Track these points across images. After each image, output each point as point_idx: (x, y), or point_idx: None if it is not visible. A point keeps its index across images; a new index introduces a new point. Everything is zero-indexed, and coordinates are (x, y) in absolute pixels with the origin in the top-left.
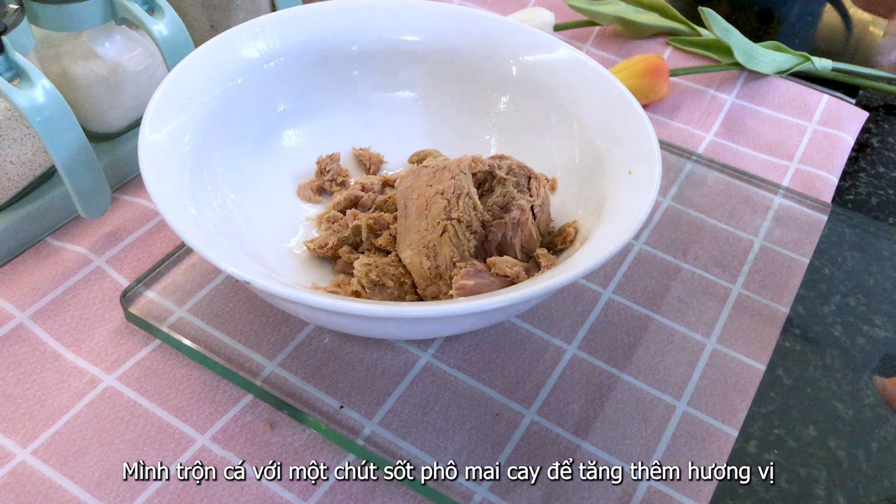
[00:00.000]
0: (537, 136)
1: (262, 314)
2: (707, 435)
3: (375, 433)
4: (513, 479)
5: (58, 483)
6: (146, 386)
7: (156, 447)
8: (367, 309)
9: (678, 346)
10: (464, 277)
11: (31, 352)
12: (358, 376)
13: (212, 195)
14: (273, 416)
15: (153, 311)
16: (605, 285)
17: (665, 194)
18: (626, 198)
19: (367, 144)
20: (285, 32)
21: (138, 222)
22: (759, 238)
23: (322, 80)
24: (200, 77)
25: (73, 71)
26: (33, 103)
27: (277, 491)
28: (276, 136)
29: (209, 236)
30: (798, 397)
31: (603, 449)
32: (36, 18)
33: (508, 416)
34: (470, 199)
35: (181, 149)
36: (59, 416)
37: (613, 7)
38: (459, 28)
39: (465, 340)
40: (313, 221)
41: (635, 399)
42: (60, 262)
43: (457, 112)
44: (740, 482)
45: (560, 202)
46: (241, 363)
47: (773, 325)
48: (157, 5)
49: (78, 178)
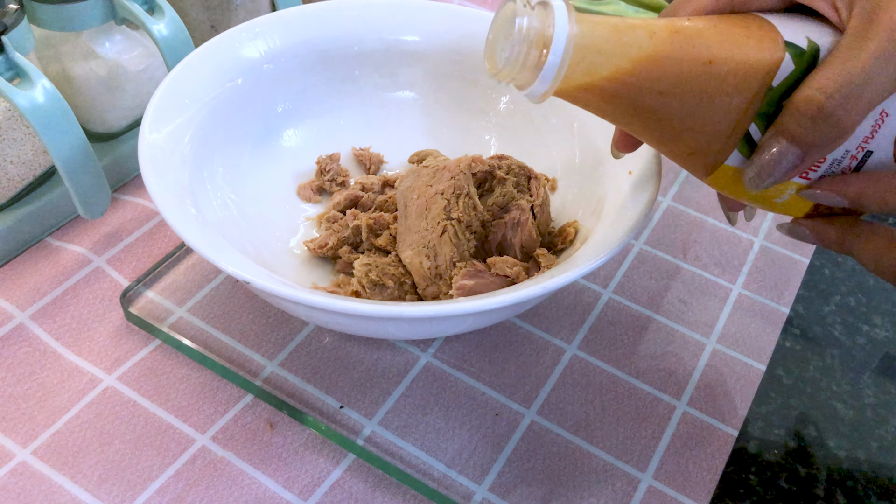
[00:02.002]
0: (537, 136)
1: (262, 314)
2: (707, 435)
3: (375, 433)
4: (513, 478)
5: (58, 483)
6: (146, 386)
7: (156, 447)
8: (367, 309)
9: (678, 346)
10: (464, 277)
11: (31, 352)
12: (358, 376)
13: (212, 195)
14: (273, 416)
15: (153, 311)
16: (605, 285)
17: (665, 194)
18: (626, 198)
19: (367, 144)
20: (285, 32)
21: (138, 222)
22: (759, 238)
23: (322, 80)
24: (200, 77)
25: (73, 71)
26: (33, 103)
27: (277, 491)
28: (276, 136)
29: (209, 236)
30: (798, 397)
31: (603, 449)
32: (36, 18)
33: (508, 416)
34: (470, 199)
35: (181, 149)
36: (59, 416)
37: (613, 7)
38: (459, 28)
39: (465, 340)
40: (313, 221)
41: (635, 399)
42: (60, 262)
43: (457, 112)
44: (740, 482)
45: (560, 202)
46: (241, 363)
47: (773, 325)
48: (157, 5)
49: (78, 178)
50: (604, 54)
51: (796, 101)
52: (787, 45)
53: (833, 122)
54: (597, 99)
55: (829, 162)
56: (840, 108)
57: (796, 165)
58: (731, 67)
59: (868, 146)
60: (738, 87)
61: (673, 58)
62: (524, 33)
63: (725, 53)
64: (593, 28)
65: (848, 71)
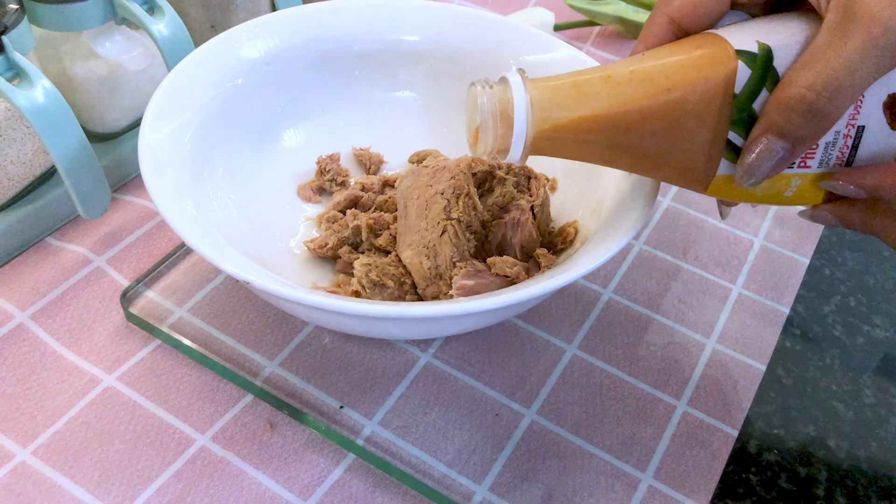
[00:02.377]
0: None
1: (262, 314)
2: (707, 435)
3: (375, 433)
4: (513, 478)
5: (58, 483)
6: (146, 386)
7: (156, 447)
8: (367, 309)
9: (678, 346)
10: (464, 277)
11: (31, 352)
12: (358, 376)
13: (212, 195)
14: (273, 416)
15: (153, 311)
16: (605, 285)
17: (665, 194)
18: (626, 198)
19: (367, 144)
20: (285, 32)
21: (138, 222)
22: (759, 238)
23: (322, 80)
24: (200, 77)
25: (73, 71)
26: (33, 103)
27: (277, 491)
28: (276, 136)
29: (209, 236)
30: (798, 397)
31: (603, 449)
32: (36, 18)
33: (508, 416)
34: (470, 199)
35: (181, 149)
36: (59, 416)
37: (613, 7)
38: (459, 28)
39: (465, 340)
40: (313, 221)
41: (635, 399)
42: (60, 262)
43: (457, 112)
44: (740, 482)
45: (560, 202)
46: (241, 363)
47: (773, 325)
48: (157, 5)
49: (78, 178)
50: (567, 110)
51: (784, 98)
52: (738, 53)
53: (820, 117)
54: (574, 150)
55: (822, 147)
56: (828, 102)
57: (785, 158)
58: (690, 88)
59: (858, 122)
60: (702, 104)
61: (633, 96)
62: (487, 110)
63: (681, 76)
64: (552, 90)
65: (833, 67)
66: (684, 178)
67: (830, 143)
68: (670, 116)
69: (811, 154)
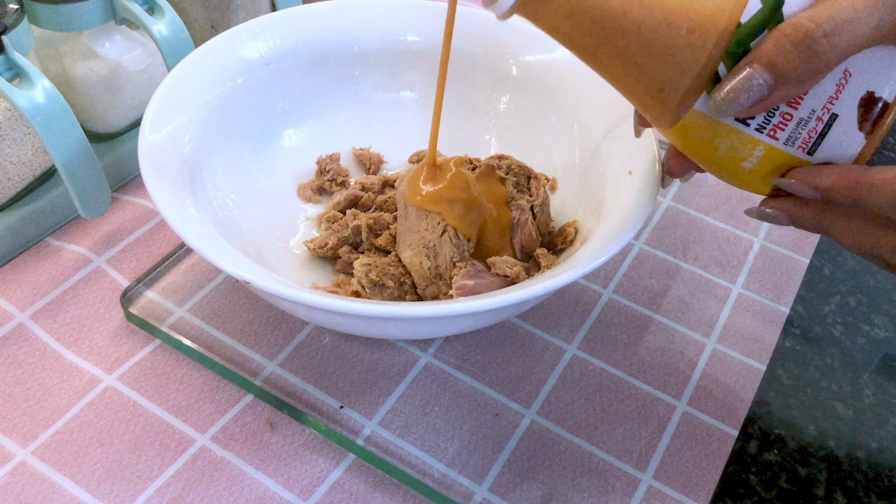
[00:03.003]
0: (537, 136)
1: (262, 314)
2: (707, 435)
3: (375, 433)
4: (513, 478)
5: (58, 483)
6: (146, 386)
7: (156, 447)
8: (367, 309)
9: (678, 346)
10: (464, 277)
11: (31, 352)
12: (358, 376)
13: (212, 195)
14: (273, 416)
15: (153, 311)
16: (605, 285)
17: (665, 194)
18: (626, 198)
19: (367, 144)
20: (285, 32)
21: (138, 222)
22: (759, 238)
23: (322, 80)
24: (200, 77)
25: (73, 71)
26: (33, 103)
27: (277, 491)
28: (276, 136)
29: (209, 236)
30: (798, 397)
31: (603, 449)
32: (36, 18)
33: (508, 416)
34: None
35: (181, 149)
36: (59, 416)
37: None
38: (459, 28)
39: (465, 340)
40: (313, 221)
41: (635, 399)
42: (60, 262)
43: (457, 112)
44: (740, 482)
45: (560, 202)
46: (241, 363)
47: (773, 325)
48: (157, 5)
49: (78, 178)
50: None
51: (783, 26)
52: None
53: (812, 53)
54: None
55: (795, 121)
56: (825, 38)
57: (764, 95)
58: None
59: (833, 108)
60: (706, 19)
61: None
62: None
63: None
64: None
65: (840, 5)
66: (658, 101)
67: (804, 119)
68: (674, 23)
69: (783, 124)
